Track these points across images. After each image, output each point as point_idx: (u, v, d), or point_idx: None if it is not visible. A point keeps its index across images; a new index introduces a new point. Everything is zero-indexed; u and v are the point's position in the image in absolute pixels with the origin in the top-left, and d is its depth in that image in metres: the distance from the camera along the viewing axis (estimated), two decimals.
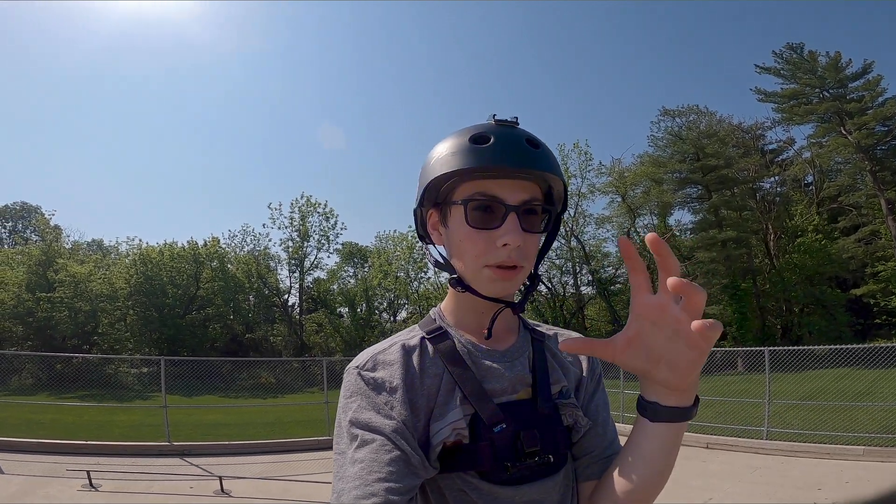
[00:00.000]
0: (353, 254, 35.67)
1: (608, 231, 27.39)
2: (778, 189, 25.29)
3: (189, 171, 62.48)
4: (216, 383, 16.35)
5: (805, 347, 10.56)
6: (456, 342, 0.77)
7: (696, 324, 0.52)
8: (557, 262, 26.36)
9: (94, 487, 5.83)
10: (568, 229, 26.26)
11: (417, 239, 0.81)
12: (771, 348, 8.81)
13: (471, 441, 0.70)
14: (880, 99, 20.38)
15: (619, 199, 25.94)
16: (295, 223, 27.52)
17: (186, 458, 7.47)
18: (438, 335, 0.77)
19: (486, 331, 0.76)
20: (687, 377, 0.59)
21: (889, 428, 7.52)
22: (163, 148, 61.08)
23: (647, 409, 0.64)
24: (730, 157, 22.98)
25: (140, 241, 25.67)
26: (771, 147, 25.63)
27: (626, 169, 26.07)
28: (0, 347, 17.68)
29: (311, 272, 29.45)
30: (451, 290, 0.80)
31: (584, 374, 0.86)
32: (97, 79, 57.72)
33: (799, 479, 6.18)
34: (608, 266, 27.09)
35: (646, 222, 27.08)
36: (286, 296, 29.38)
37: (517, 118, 0.73)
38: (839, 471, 6.34)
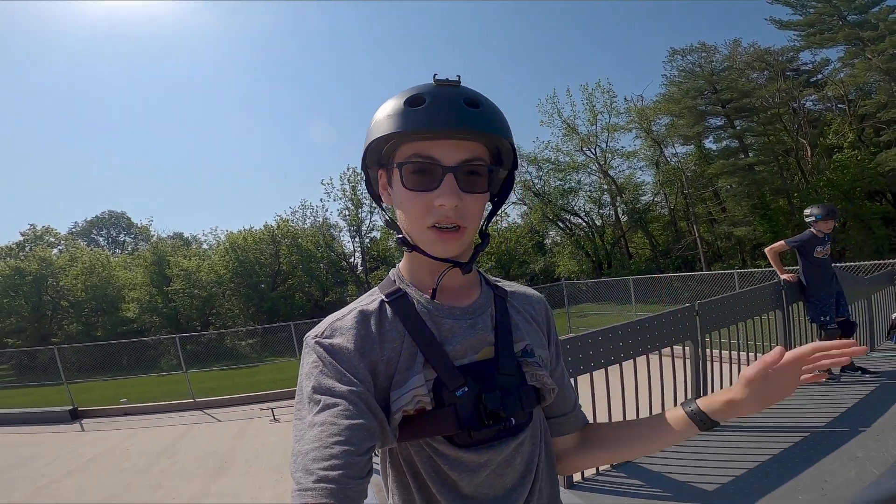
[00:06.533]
0: None
1: (640, 162, 27.88)
2: (818, 107, 24.42)
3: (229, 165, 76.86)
4: None
5: (851, 263, 10.00)
6: (415, 302, 0.75)
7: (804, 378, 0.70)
8: (593, 195, 27.45)
9: (276, 420, 8.37)
10: (600, 165, 27.01)
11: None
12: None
13: (435, 406, 0.69)
14: None
15: (644, 134, 26.43)
16: (347, 193, 30.14)
17: None
18: (398, 297, 0.75)
19: (432, 290, 0.75)
20: (760, 408, 0.71)
21: None
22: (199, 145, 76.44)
23: (703, 423, 0.74)
24: (745, 90, 22.65)
25: (218, 228, 29.63)
26: (806, 68, 24.28)
27: (645, 107, 26.30)
28: (143, 336, 21.03)
29: (369, 235, 32.57)
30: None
31: (549, 336, 0.87)
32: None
33: None
34: (642, 195, 27.89)
35: (673, 151, 27.35)
36: (352, 258, 32.73)
37: (459, 77, 0.71)
38: None
